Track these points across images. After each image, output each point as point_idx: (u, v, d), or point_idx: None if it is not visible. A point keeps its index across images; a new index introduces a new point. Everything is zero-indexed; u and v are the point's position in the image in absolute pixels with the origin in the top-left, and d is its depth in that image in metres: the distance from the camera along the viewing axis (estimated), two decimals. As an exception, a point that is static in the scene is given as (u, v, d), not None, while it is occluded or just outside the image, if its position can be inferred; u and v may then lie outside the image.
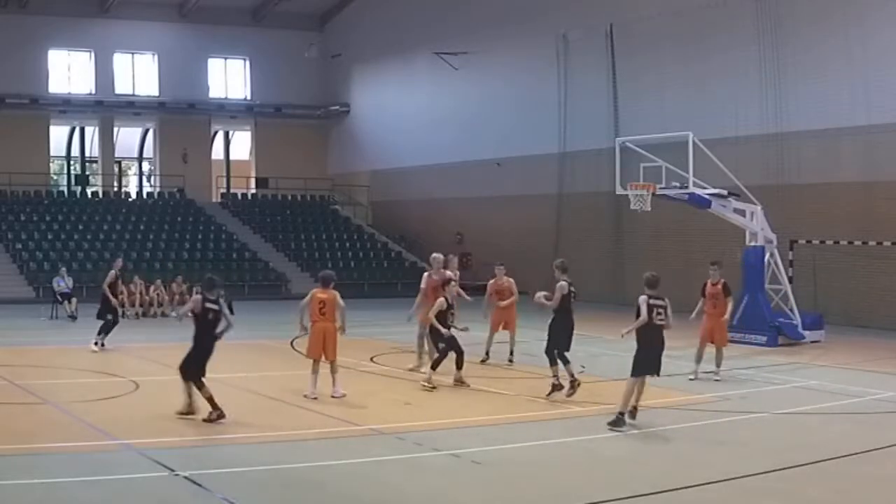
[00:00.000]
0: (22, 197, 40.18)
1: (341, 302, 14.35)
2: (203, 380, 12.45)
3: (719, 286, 16.87)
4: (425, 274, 17.71)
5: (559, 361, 14.32)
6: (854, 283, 26.06)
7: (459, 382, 15.50)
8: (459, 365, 15.43)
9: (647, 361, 12.58)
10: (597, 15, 33.44)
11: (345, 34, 46.10)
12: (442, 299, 15.47)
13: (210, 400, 12.32)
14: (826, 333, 22.38)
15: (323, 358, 14.37)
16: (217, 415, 12.28)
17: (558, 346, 14.37)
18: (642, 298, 12.48)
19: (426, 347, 16.93)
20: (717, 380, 16.31)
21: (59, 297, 27.63)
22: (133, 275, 30.23)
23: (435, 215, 41.38)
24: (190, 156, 45.09)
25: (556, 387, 14.32)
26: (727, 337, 17.14)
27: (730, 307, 17.06)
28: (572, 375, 14.22)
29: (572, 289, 14.40)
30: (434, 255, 17.81)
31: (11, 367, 16.89)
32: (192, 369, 12.52)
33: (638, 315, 12.46)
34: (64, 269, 29.68)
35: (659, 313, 12.51)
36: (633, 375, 12.54)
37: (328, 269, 15.50)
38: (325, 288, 14.51)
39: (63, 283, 28.12)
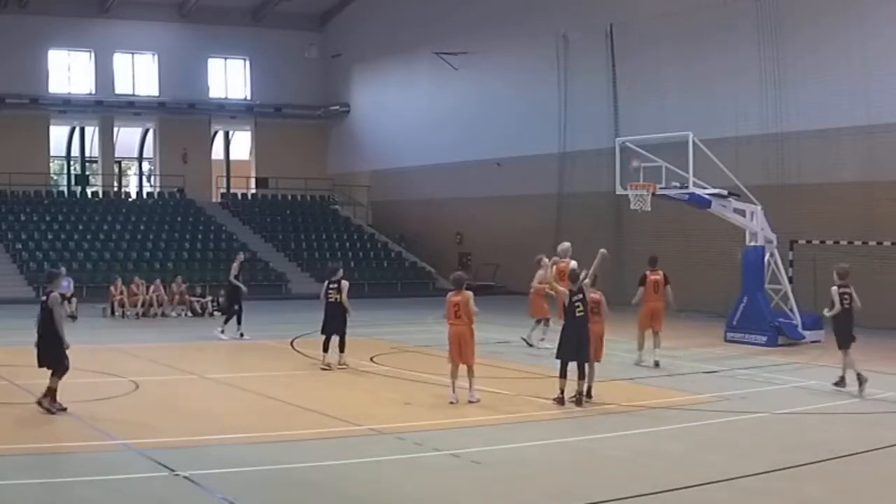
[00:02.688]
0: (22, 197, 40.20)
1: (473, 306, 13.94)
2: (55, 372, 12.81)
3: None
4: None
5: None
6: (854, 283, 25.97)
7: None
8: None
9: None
10: (597, 15, 33.43)
11: (345, 34, 46.10)
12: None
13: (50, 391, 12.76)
14: (826, 333, 22.33)
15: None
16: (47, 406, 12.67)
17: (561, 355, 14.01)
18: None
19: None
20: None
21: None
22: (133, 275, 30.29)
23: (435, 215, 41.38)
24: (190, 156, 45.10)
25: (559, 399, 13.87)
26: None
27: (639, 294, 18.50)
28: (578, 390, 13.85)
29: (574, 297, 13.89)
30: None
31: (11, 367, 16.88)
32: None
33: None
34: (63, 269, 29.59)
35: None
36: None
37: (460, 272, 14.96)
38: (457, 290, 14.12)
39: (64, 283, 28.05)
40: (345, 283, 17.51)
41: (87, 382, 15.88)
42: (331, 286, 17.54)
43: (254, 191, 47.04)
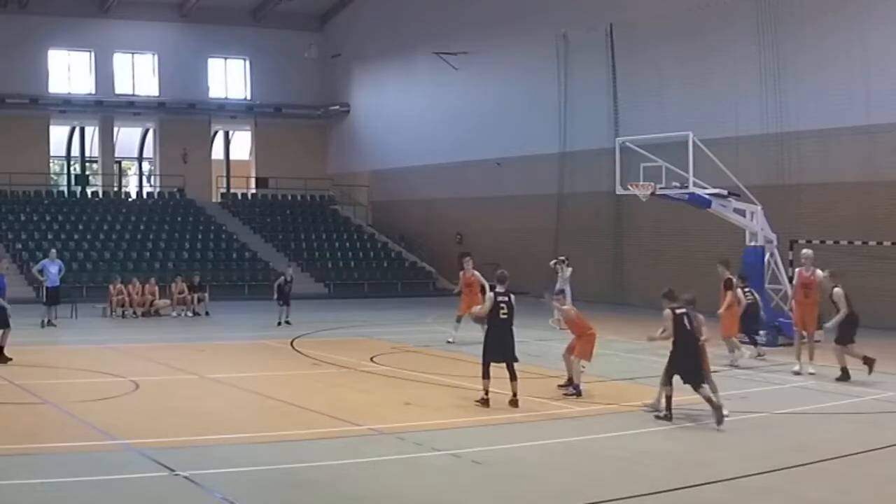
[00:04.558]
0: (22, 197, 40.20)
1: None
2: None
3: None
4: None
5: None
6: (854, 283, 25.94)
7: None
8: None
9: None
10: (597, 15, 33.42)
11: (345, 34, 46.10)
12: None
13: None
14: (826, 333, 22.33)
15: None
16: None
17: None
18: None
19: None
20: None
21: (46, 294, 25.29)
22: (133, 275, 30.28)
23: (435, 215, 41.37)
24: (190, 156, 45.09)
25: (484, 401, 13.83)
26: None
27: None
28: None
29: (499, 299, 13.97)
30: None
31: (11, 367, 16.92)
32: None
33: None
34: (54, 250, 27.75)
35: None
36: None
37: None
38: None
39: (55, 268, 25.66)
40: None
41: (87, 382, 15.91)
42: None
43: (254, 191, 47.04)
